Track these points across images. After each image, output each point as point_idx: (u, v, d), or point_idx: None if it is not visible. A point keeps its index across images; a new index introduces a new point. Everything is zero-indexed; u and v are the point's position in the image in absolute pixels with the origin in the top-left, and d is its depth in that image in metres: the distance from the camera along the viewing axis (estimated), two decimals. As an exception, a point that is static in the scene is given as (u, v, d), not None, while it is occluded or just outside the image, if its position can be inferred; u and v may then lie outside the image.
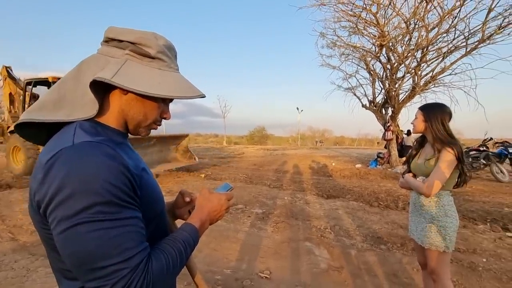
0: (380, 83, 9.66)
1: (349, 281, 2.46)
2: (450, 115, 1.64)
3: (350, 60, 9.99)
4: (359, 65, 9.96)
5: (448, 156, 1.52)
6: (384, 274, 2.57)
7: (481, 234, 3.53)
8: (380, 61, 9.14)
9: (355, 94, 10.45)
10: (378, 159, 10.13)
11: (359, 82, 10.36)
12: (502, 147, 7.45)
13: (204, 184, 6.80)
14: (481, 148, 7.79)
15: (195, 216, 0.71)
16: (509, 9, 6.75)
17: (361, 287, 2.37)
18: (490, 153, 7.48)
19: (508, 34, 6.99)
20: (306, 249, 3.12)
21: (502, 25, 6.88)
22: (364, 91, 10.35)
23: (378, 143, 26.37)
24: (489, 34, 7.07)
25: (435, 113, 1.64)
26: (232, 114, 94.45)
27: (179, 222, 0.81)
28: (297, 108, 35.79)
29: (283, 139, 44.76)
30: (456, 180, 1.62)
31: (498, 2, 6.74)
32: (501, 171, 7.17)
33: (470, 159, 7.74)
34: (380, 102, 9.84)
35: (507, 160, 7.32)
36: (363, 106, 10.23)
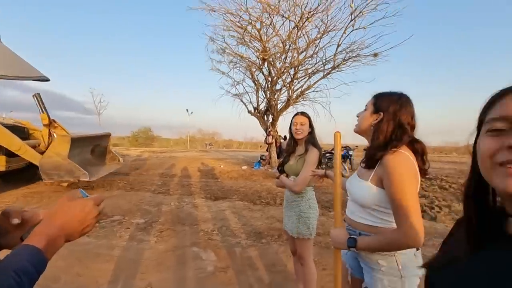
0: (263, 92, 10.79)
1: (234, 279, 2.56)
2: None
3: (238, 68, 10.69)
4: (245, 74, 10.80)
5: (314, 158, 1.83)
6: (265, 266, 2.82)
7: (332, 219, 4.48)
8: (263, 73, 10.24)
9: (242, 101, 11.23)
10: (261, 160, 11.24)
11: (246, 90, 11.23)
12: (345, 150, 9.92)
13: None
14: (333, 151, 10.06)
15: (38, 233, 0.53)
16: (349, 47, 9.03)
17: (245, 282, 2.51)
18: (338, 155, 9.81)
19: (349, 66, 9.35)
20: (193, 254, 3.04)
21: (346, 58, 9.12)
22: (250, 98, 11.30)
23: (260, 146, 29.22)
24: (338, 64, 9.20)
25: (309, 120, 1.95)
26: (111, 111, 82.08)
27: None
28: (187, 110, 35.06)
29: (172, 141, 42.71)
30: None
31: (343, 40, 8.90)
32: (345, 169, 9.52)
33: (326, 160, 9.83)
34: (263, 109, 10.97)
35: (348, 160, 9.82)
36: (248, 112, 11.12)
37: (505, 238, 0.44)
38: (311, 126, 1.93)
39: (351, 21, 8.51)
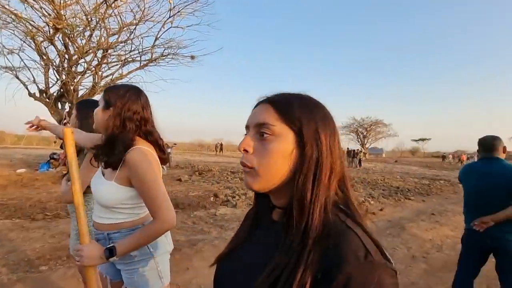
0: (55, 72, 8.29)
1: None
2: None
3: (12, 31, 7.54)
4: (25, 42, 7.80)
5: (88, 159, 1.46)
6: (39, 304, 2.08)
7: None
8: (55, 47, 7.85)
9: (18, 77, 8.03)
10: (52, 160, 8.66)
11: (25, 64, 8.11)
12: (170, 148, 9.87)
13: None
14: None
15: None
16: (168, 43, 8.91)
17: None
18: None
19: (168, 62, 9.23)
20: None
21: (164, 53, 8.93)
22: (33, 76, 8.27)
23: (55, 142, 22.92)
24: (156, 57, 8.82)
25: (89, 111, 1.57)
26: None
27: None
28: None
29: None
30: None
31: (162, 34, 8.64)
32: (163, 168, 9.45)
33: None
34: (55, 94, 8.43)
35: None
36: (30, 95, 8.16)
37: (270, 222, 0.54)
38: (79, 119, 1.55)
39: (170, 17, 8.42)
